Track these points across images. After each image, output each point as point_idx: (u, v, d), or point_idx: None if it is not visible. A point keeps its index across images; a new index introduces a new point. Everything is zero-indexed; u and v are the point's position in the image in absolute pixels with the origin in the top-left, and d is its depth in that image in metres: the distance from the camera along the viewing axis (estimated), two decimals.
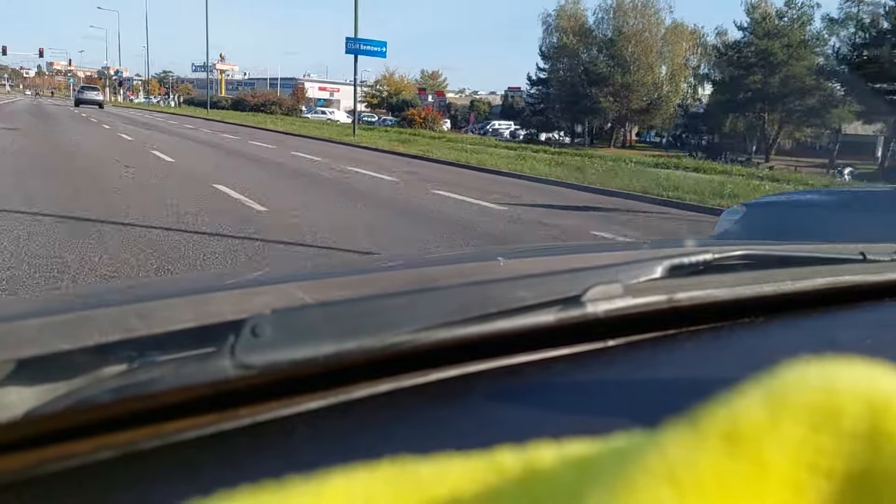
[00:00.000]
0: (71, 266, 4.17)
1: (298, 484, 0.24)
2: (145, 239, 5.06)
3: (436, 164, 14.18)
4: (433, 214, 7.43)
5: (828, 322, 0.63)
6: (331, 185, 9.73)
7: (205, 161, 12.14)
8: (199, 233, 5.42)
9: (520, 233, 6.48)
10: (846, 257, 0.74)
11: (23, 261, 4.20)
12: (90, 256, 4.41)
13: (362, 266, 0.99)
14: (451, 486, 0.24)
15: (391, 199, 8.47)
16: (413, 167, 13.21)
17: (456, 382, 0.44)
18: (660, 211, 8.92)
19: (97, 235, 5.04)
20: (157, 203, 6.72)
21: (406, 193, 9.08)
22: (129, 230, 5.33)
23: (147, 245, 4.86)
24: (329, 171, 11.55)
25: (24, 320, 0.37)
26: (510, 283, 0.50)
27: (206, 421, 0.37)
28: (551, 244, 3.62)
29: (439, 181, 10.70)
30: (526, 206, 8.33)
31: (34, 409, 0.32)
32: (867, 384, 0.21)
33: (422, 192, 9.19)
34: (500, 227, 6.76)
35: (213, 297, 0.45)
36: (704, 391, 0.24)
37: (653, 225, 7.73)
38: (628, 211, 8.67)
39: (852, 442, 0.20)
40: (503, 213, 7.71)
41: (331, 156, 14.63)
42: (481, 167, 13.46)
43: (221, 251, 4.86)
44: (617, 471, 0.20)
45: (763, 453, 0.20)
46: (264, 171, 10.94)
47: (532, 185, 11.16)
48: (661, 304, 0.53)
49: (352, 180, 10.28)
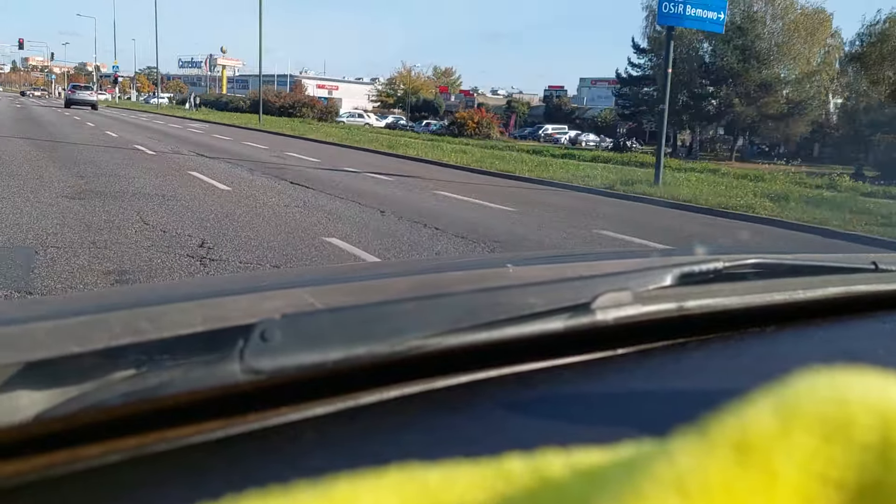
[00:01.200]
0: None
1: (306, 489, 0.24)
2: None
3: (563, 190, 11.22)
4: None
5: (839, 332, 0.62)
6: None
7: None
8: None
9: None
10: (858, 266, 0.74)
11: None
12: None
13: (371, 272, 0.99)
14: (458, 494, 0.24)
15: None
16: (532, 192, 10.60)
17: (464, 389, 0.43)
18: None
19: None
20: None
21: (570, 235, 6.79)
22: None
23: None
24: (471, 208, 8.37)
25: (36, 323, 0.37)
26: (519, 290, 0.50)
27: (215, 425, 0.37)
28: (561, 252, 3.61)
29: (590, 214, 8.46)
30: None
31: (45, 412, 0.32)
32: (879, 395, 0.21)
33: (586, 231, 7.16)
34: None
35: (223, 301, 0.45)
36: (714, 400, 0.24)
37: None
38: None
39: (863, 453, 0.20)
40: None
41: (433, 178, 11.65)
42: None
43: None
44: (625, 480, 0.20)
45: (773, 463, 0.20)
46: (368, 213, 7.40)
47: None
48: (671, 312, 0.53)
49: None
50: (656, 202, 10.37)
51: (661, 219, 8.83)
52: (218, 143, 17.51)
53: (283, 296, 0.46)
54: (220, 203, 7.36)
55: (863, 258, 0.75)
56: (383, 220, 6.95)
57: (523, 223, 7.45)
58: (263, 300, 0.45)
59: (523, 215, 8.09)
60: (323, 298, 0.46)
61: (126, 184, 8.35)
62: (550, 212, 8.59)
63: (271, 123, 29.53)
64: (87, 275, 4.13)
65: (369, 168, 12.97)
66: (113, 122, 25.56)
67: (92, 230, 5.39)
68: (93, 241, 4.98)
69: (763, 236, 7.98)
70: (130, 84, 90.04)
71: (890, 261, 0.75)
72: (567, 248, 6.14)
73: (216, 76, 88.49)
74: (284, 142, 19.74)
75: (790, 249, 0.89)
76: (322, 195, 8.57)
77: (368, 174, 11.78)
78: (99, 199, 6.97)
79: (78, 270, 4.20)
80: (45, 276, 4.02)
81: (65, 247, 4.76)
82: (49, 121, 23.90)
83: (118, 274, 4.20)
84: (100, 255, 4.62)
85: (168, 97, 72.55)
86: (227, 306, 0.43)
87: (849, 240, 7.73)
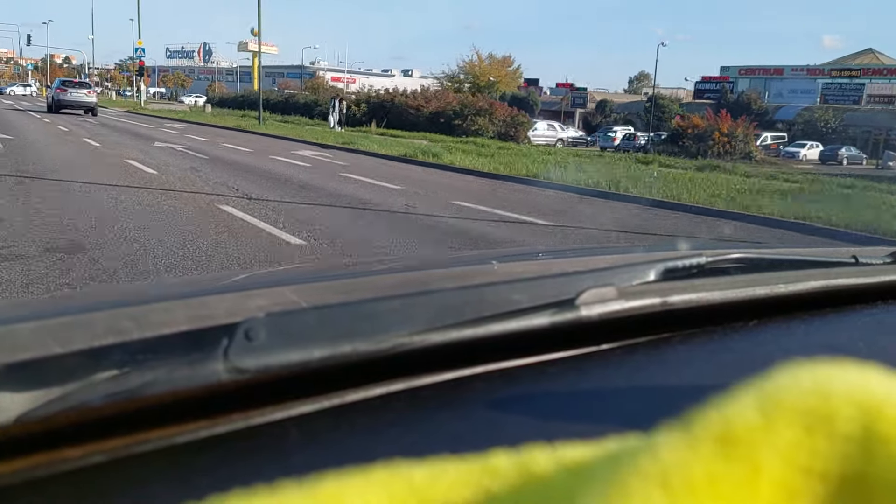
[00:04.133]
0: None
1: (292, 488, 0.24)
2: None
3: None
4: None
5: (820, 325, 0.63)
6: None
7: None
8: None
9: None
10: (838, 261, 0.75)
11: None
12: None
13: (356, 269, 0.99)
14: (445, 490, 0.24)
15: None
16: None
17: (450, 386, 0.44)
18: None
19: None
20: None
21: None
22: None
23: None
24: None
25: (18, 324, 0.37)
26: (504, 287, 0.50)
27: (199, 425, 0.36)
28: (545, 248, 3.63)
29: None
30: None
31: (27, 413, 0.32)
32: (860, 387, 0.21)
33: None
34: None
35: (207, 300, 0.45)
36: (698, 394, 0.24)
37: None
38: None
39: (846, 445, 0.20)
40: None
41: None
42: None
43: None
44: (610, 474, 0.20)
45: (757, 456, 0.20)
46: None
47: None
48: (654, 307, 0.53)
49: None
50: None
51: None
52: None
53: (267, 294, 0.46)
54: None
55: (843, 252, 0.76)
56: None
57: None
58: (247, 299, 0.44)
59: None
60: (307, 296, 0.46)
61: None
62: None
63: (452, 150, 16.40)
64: None
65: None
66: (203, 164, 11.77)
67: None
68: None
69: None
70: (136, 79, 75.70)
71: (869, 255, 0.76)
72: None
73: (212, 67, 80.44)
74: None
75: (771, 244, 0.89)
76: None
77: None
78: None
79: None
80: None
81: None
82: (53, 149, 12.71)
83: None
84: None
85: (156, 92, 61.32)
86: (210, 305, 0.43)
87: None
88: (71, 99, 26.37)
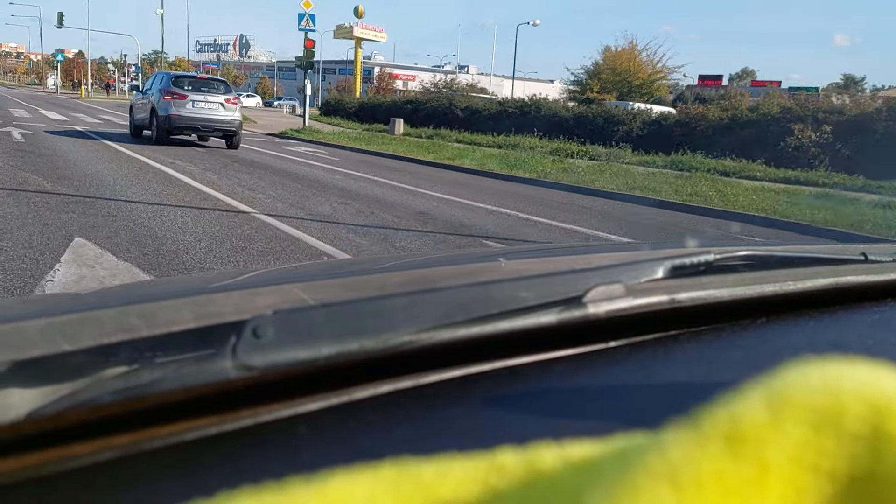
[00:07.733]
0: None
1: (300, 485, 0.24)
2: None
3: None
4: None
5: (830, 323, 0.63)
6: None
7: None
8: None
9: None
10: (848, 258, 0.74)
11: None
12: None
13: (364, 267, 0.99)
14: (452, 487, 0.24)
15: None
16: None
17: (457, 383, 0.44)
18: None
19: None
20: None
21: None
22: None
23: None
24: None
25: (26, 321, 0.37)
26: (511, 284, 0.50)
27: (208, 422, 0.37)
28: (553, 245, 3.62)
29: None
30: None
31: (36, 410, 0.32)
32: (870, 385, 0.21)
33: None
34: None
35: (215, 297, 0.45)
36: (706, 392, 0.24)
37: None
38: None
39: (855, 443, 0.20)
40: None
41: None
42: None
43: None
44: (618, 472, 0.20)
45: (765, 454, 0.20)
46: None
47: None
48: (662, 304, 0.53)
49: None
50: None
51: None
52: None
53: (274, 292, 0.46)
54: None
55: (852, 249, 0.76)
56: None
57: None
58: (255, 296, 0.45)
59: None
60: (315, 294, 0.46)
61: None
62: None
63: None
64: None
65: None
66: None
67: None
68: None
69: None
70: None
71: (879, 251, 0.76)
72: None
73: (247, 62, 71.03)
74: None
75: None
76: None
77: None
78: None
79: None
80: None
81: None
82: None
83: None
84: None
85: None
86: (218, 303, 0.43)
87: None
88: (197, 115, 12.89)
